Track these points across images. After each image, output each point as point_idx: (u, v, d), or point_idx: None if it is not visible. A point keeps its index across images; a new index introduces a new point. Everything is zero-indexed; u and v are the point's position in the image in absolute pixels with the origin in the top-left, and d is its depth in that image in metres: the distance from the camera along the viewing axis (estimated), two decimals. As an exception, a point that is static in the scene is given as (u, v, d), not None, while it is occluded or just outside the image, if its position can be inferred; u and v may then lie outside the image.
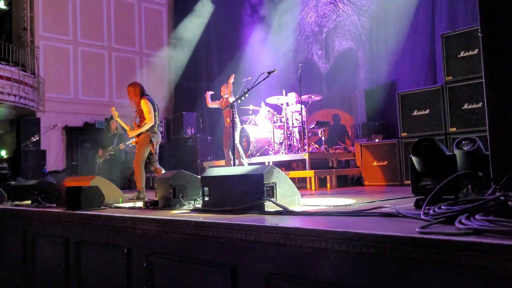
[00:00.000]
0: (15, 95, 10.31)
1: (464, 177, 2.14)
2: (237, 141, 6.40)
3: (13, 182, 6.67)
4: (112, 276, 3.22)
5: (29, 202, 4.94)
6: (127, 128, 5.42)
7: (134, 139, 5.31)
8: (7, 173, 10.34)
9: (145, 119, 5.12)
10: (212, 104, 7.27)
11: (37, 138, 10.32)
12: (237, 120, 6.36)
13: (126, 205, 4.10)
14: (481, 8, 1.95)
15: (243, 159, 6.91)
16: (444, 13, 7.55)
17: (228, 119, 6.79)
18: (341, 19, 9.81)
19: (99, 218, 3.33)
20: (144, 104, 5.11)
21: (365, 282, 1.71)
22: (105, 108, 11.88)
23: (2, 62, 10.44)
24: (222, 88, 7.08)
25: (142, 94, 5.24)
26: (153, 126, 5.19)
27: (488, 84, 1.94)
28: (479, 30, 1.95)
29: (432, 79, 7.59)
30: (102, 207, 3.82)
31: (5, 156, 11.69)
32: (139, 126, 5.19)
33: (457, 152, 2.22)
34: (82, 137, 11.96)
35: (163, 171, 5.03)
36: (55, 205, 4.40)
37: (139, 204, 3.82)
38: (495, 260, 1.34)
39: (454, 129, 5.37)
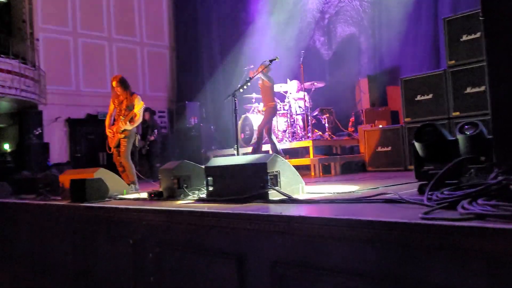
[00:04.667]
0: (16, 88, 10.27)
1: (466, 161, 2.13)
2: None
3: (18, 176, 6.71)
4: (119, 267, 3.25)
5: (34, 195, 4.98)
6: None
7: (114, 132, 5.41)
8: (11, 167, 10.38)
9: (134, 113, 5.26)
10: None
11: (40, 131, 10.32)
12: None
13: (130, 196, 4.13)
14: (482, -9, 1.92)
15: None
16: (447, -4, 7.45)
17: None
18: (343, 4, 9.71)
19: (105, 210, 3.36)
20: (138, 101, 5.24)
21: (369, 268, 1.73)
22: (107, 99, 11.83)
23: (2, 55, 10.38)
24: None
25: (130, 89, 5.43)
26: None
27: (490, 67, 1.92)
28: (480, 13, 1.93)
29: (435, 63, 7.51)
30: (106, 199, 3.85)
31: (9, 150, 11.72)
32: (130, 120, 5.25)
33: (459, 136, 2.22)
34: (85, 129, 11.96)
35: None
36: (60, 198, 4.43)
37: (144, 195, 3.85)
38: (497, 244, 1.35)
39: (458, 113, 5.33)
